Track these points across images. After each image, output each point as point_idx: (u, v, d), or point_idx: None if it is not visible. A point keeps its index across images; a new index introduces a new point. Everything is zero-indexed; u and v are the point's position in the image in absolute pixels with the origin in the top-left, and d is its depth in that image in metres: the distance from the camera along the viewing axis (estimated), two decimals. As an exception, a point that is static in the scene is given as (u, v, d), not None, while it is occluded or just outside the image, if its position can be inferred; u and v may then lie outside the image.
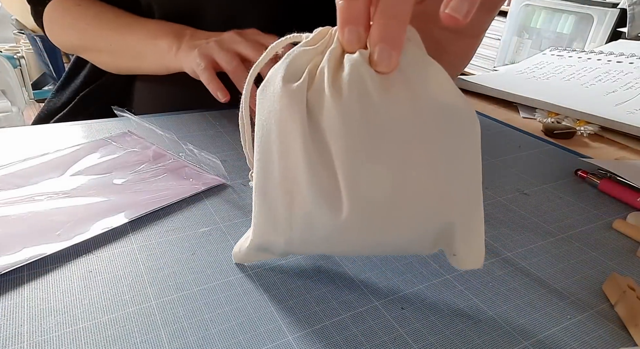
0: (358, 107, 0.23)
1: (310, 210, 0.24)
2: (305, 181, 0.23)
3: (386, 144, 0.23)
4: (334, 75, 0.24)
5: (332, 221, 0.24)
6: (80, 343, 0.25)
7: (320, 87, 0.24)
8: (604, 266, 0.34)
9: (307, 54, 0.25)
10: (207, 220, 0.36)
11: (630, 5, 1.65)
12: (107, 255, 0.31)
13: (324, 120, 0.23)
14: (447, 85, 0.24)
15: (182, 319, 0.26)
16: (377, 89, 0.23)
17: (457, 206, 0.25)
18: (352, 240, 0.25)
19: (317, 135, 0.23)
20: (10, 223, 0.33)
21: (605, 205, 0.42)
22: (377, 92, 0.23)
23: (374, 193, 0.23)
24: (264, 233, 0.27)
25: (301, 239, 0.26)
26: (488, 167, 0.48)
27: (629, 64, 0.77)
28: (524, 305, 0.29)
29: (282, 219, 0.25)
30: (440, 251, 0.28)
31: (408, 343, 0.26)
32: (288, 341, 0.25)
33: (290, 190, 0.24)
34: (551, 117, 0.64)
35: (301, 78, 0.24)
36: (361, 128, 0.23)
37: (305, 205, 0.24)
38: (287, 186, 0.24)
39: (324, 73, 0.24)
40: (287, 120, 0.24)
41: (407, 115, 0.23)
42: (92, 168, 0.41)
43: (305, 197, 0.24)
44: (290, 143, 0.24)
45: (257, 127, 0.25)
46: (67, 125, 0.51)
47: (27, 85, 2.35)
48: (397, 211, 0.24)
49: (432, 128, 0.23)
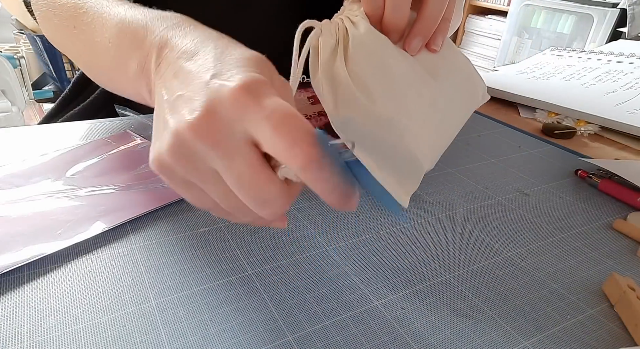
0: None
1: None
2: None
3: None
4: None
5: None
6: (80, 343, 0.25)
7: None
8: (604, 266, 0.34)
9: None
10: (207, 220, 0.36)
11: (630, 5, 1.65)
12: (107, 255, 0.31)
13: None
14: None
15: (182, 319, 0.26)
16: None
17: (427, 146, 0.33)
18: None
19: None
20: (11, 223, 0.33)
21: (605, 205, 0.42)
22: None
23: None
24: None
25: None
26: (488, 167, 0.48)
27: (629, 64, 0.77)
28: (524, 305, 0.29)
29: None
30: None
31: (408, 343, 0.26)
32: (288, 341, 0.25)
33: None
34: (551, 117, 0.64)
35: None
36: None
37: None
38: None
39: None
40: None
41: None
42: (92, 168, 0.41)
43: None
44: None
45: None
46: (67, 125, 0.51)
47: (27, 85, 2.35)
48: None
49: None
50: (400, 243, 0.35)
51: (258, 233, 0.34)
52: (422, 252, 0.34)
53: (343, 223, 0.36)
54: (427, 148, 0.34)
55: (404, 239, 0.35)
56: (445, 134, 0.36)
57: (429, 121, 0.34)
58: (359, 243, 0.34)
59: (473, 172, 0.47)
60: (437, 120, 0.34)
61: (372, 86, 0.31)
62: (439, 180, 0.45)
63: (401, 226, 0.37)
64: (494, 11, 2.79)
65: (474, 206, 0.40)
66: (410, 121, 0.32)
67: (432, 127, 0.34)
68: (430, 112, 0.34)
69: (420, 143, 0.33)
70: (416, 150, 0.32)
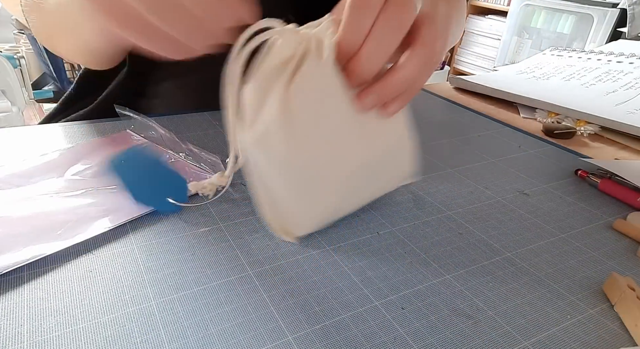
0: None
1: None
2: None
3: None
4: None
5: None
6: (80, 343, 0.25)
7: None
8: (604, 266, 0.34)
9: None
10: (207, 220, 0.36)
11: (630, 5, 1.65)
12: (107, 255, 0.31)
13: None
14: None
15: (182, 319, 0.26)
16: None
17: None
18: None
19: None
20: (11, 223, 0.33)
21: (605, 205, 0.42)
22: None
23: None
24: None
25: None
26: (488, 167, 0.48)
27: (629, 64, 0.77)
28: (524, 305, 0.29)
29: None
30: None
31: (408, 343, 0.26)
32: (288, 341, 0.25)
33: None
34: (551, 117, 0.64)
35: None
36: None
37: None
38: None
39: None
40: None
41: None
42: (93, 168, 0.41)
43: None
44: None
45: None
46: (67, 125, 0.51)
47: (27, 85, 2.35)
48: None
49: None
50: (400, 243, 0.35)
51: (258, 233, 0.35)
52: (422, 252, 0.34)
53: (343, 223, 0.36)
54: (319, 212, 0.32)
55: (404, 239, 0.35)
56: (349, 202, 0.34)
57: (336, 184, 0.31)
58: (359, 243, 0.34)
59: (473, 172, 0.47)
60: (347, 186, 0.32)
61: (300, 124, 0.28)
62: (439, 180, 0.45)
63: (401, 226, 0.37)
64: (494, 11, 2.79)
65: (474, 206, 0.40)
66: (316, 181, 0.30)
67: (336, 192, 0.31)
68: (344, 176, 0.31)
69: (313, 207, 0.32)
70: (301, 211, 0.32)
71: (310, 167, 0.30)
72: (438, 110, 0.66)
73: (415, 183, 0.43)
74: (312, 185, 0.31)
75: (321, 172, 0.30)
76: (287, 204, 0.32)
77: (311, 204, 0.32)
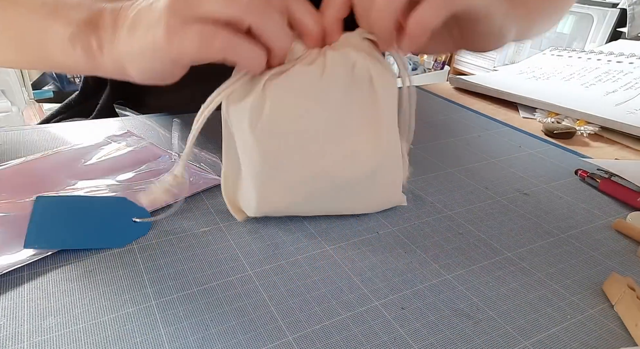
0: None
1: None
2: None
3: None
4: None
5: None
6: (80, 343, 0.25)
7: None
8: (604, 266, 0.34)
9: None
10: (207, 220, 0.36)
11: (630, 5, 1.65)
12: (107, 255, 0.31)
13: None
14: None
15: (182, 319, 0.26)
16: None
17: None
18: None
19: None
20: (11, 223, 0.33)
21: (605, 205, 0.42)
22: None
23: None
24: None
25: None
26: (488, 167, 0.48)
27: (629, 64, 0.77)
28: (524, 305, 0.29)
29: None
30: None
31: (408, 343, 0.26)
32: (288, 341, 0.25)
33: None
34: (551, 117, 0.64)
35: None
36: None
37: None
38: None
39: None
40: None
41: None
42: (93, 168, 0.41)
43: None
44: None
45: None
46: (67, 125, 0.51)
47: (27, 85, 2.35)
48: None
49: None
50: (400, 243, 0.35)
51: (258, 233, 0.34)
52: (422, 252, 0.34)
53: (343, 223, 0.36)
54: (276, 200, 0.34)
55: (404, 239, 0.35)
56: (311, 203, 0.35)
57: (300, 180, 0.33)
58: (359, 243, 0.34)
59: (473, 172, 0.47)
60: (311, 187, 0.33)
61: (284, 108, 0.31)
62: (439, 180, 0.45)
63: (401, 226, 0.37)
64: (494, 11, 2.78)
65: (474, 206, 0.40)
66: (282, 167, 0.32)
67: (298, 187, 0.33)
68: (310, 176, 0.33)
69: (272, 192, 0.33)
70: (259, 193, 0.33)
71: (282, 152, 0.32)
72: (438, 110, 0.66)
73: (416, 183, 0.43)
74: (278, 170, 0.33)
75: (291, 162, 0.32)
76: (250, 182, 0.33)
77: (271, 189, 0.33)
